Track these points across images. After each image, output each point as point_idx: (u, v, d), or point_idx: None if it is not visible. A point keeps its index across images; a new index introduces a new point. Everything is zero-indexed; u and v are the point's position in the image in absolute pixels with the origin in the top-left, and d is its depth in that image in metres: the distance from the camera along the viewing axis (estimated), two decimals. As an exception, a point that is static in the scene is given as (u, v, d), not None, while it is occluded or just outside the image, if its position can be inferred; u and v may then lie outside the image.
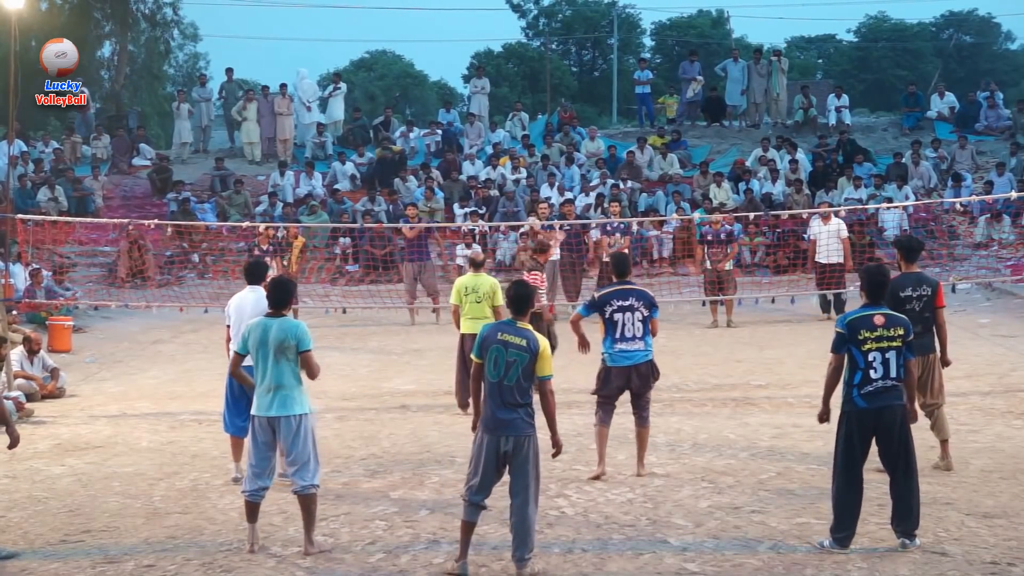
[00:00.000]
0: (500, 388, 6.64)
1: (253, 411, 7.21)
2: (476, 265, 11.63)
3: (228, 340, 8.87)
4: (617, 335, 8.57)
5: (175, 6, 37.92)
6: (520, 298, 6.86)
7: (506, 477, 6.74)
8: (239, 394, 8.50)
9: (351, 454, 9.75)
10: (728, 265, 17.14)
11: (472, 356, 6.87)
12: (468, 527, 6.73)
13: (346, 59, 68.91)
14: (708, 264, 17.17)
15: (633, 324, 8.59)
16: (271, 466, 7.29)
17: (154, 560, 7.10)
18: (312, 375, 7.26)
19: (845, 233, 17.20)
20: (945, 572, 6.56)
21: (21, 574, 6.96)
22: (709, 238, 17.36)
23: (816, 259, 17.36)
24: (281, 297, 7.29)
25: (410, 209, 19.37)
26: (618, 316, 8.57)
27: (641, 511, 7.86)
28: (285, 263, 16.55)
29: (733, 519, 7.62)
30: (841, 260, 16.95)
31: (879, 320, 6.90)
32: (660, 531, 7.41)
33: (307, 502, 7.11)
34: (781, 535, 7.28)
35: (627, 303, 8.61)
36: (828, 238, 17.14)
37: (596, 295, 8.84)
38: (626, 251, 12.63)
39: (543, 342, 6.78)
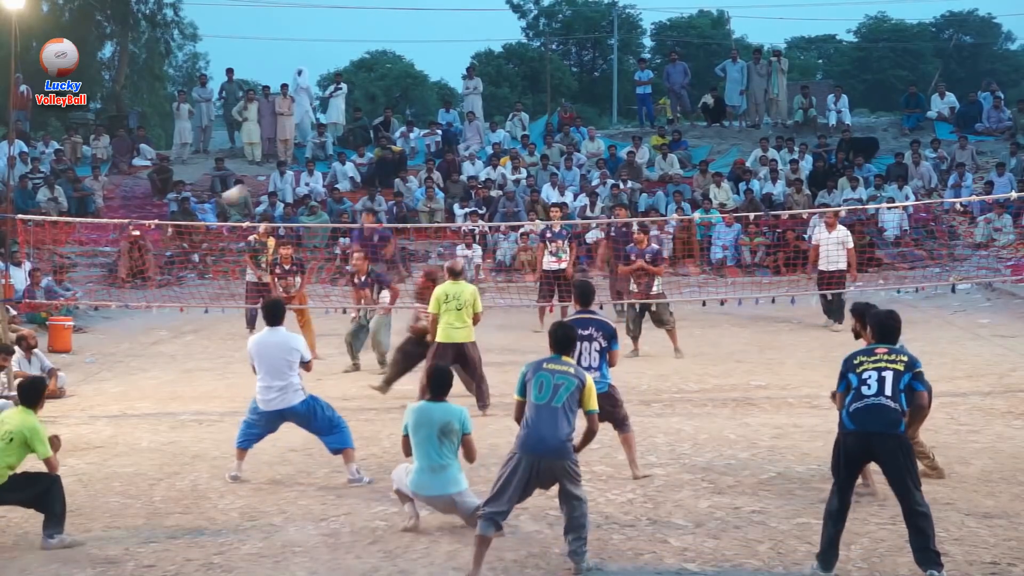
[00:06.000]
0: (547, 410, 6.61)
1: (416, 489, 7.46)
2: (455, 274, 11.61)
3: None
4: None
5: (176, 7, 37.99)
6: (566, 339, 6.98)
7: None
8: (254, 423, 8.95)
9: (351, 454, 9.75)
10: (656, 286, 14.64)
11: (515, 395, 6.89)
12: (483, 541, 6.62)
13: (346, 59, 69.00)
14: (634, 287, 14.80)
15: (590, 354, 8.46)
16: None
17: (154, 560, 7.11)
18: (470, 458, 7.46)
19: (851, 243, 16.33)
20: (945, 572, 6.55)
21: (21, 574, 6.97)
22: (633, 257, 14.82)
23: (819, 266, 16.38)
24: (440, 386, 7.49)
25: (367, 216, 19.09)
26: (577, 345, 8.32)
27: (641, 511, 7.86)
28: (264, 266, 16.23)
29: (733, 519, 7.62)
30: (844, 267, 16.11)
31: (881, 351, 6.68)
32: (660, 531, 7.42)
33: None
34: (781, 535, 7.28)
35: (586, 332, 8.45)
36: (832, 245, 16.23)
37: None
38: (589, 279, 12.43)
39: (590, 377, 6.90)
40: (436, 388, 7.50)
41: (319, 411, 8.92)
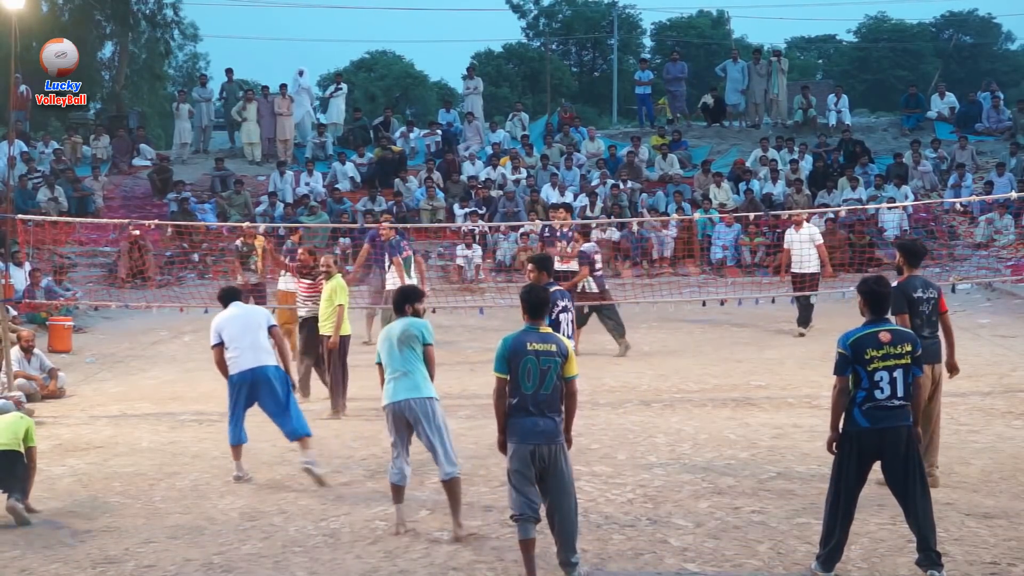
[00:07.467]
0: (536, 398, 6.45)
1: (388, 399, 7.54)
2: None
3: (220, 362, 9.22)
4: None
5: (176, 7, 37.97)
6: (543, 304, 6.77)
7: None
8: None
9: (351, 454, 9.76)
10: (581, 287, 14.15)
11: (496, 372, 6.58)
12: (527, 545, 6.48)
13: (346, 59, 69.14)
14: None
15: (569, 324, 8.63)
16: (408, 451, 7.63)
17: (154, 560, 7.11)
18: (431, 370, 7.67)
19: (819, 239, 15.98)
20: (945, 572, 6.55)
21: (21, 574, 6.97)
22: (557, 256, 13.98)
23: (792, 269, 15.96)
24: (403, 301, 7.78)
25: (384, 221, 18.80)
26: (562, 316, 8.53)
27: (641, 511, 7.86)
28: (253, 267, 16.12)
29: (733, 519, 7.62)
30: (817, 270, 15.75)
31: (885, 337, 6.39)
32: (660, 531, 7.41)
33: (452, 487, 7.38)
34: (781, 535, 7.28)
35: (564, 303, 8.66)
36: (801, 246, 15.82)
37: None
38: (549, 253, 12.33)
39: (570, 344, 6.78)
40: (398, 306, 7.77)
41: (288, 381, 9.15)
